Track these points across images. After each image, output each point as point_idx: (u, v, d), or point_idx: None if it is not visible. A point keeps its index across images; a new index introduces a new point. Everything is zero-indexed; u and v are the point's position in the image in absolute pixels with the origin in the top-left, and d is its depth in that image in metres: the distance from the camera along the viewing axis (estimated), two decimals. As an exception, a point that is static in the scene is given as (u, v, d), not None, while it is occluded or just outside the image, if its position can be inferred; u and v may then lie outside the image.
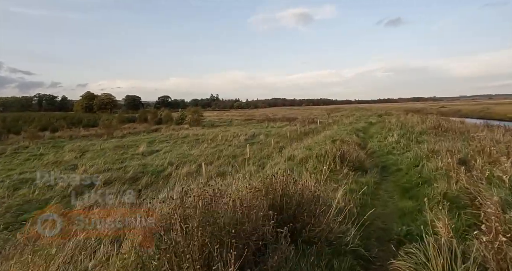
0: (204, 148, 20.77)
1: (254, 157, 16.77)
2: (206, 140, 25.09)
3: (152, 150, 20.85)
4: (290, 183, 3.42)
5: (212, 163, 15.30)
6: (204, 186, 4.26)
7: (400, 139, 10.62)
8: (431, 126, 13.52)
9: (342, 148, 7.35)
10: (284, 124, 40.66)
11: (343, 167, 6.52)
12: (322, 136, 14.49)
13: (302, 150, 10.25)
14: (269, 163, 9.41)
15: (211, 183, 3.35)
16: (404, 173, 6.81)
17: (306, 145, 12.51)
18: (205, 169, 11.63)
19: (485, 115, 51.55)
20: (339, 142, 11.28)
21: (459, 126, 14.77)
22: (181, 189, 3.30)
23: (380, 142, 11.17)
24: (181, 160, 16.51)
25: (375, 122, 23.43)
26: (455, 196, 4.14)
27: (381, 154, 9.45)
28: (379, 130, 16.03)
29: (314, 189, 3.92)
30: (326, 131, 22.12)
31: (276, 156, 11.14)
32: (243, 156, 17.09)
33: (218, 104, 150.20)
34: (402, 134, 12.25)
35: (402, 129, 13.80)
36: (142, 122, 44.34)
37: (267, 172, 7.45)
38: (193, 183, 7.61)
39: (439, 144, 7.93)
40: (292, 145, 16.26)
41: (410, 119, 19.48)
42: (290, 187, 3.37)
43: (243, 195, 3.02)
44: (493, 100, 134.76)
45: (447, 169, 5.26)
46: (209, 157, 17.19)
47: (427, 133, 12.30)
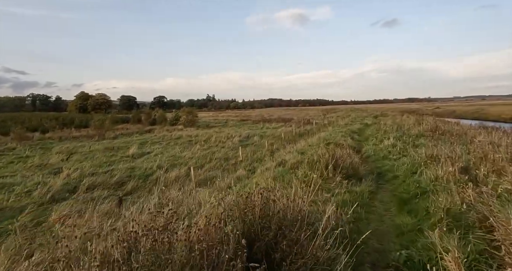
0: (197, 150, 20.19)
1: (246, 159, 16.26)
2: (199, 142, 24.52)
3: (143, 152, 20.24)
4: (270, 202, 2.90)
5: (203, 166, 14.76)
6: (163, 207, 3.74)
7: (397, 143, 10.16)
8: (428, 129, 13.10)
9: (335, 153, 6.86)
10: (280, 125, 40.21)
11: (336, 175, 6.03)
12: (316, 139, 14.01)
13: (294, 154, 9.75)
14: (260, 168, 8.89)
15: (168, 208, 2.83)
16: (401, 181, 6.33)
17: (299, 148, 12.01)
18: (193, 174, 11.09)
19: (480, 116, 51.60)
20: (333, 145, 10.80)
21: (457, 129, 14.38)
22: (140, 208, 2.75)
23: (376, 146, 10.72)
24: (172, 162, 15.94)
25: (371, 124, 23.03)
26: (460, 212, 3.66)
27: (376, 158, 8.99)
28: (375, 132, 15.60)
29: (301, 205, 3.41)
30: (321, 133, 21.67)
31: (268, 160, 10.62)
32: (235, 158, 16.57)
33: (214, 105, 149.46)
34: (398, 137, 11.81)
35: (398, 132, 13.36)
36: (136, 122, 43.61)
37: (251, 183, 6.97)
38: (177, 190, 7.06)
39: (437, 148, 7.46)
40: (286, 148, 15.77)
41: (406, 120, 19.08)
42: (271, 206, 2.86)
43: (209, 221, 2.50)
44: (486, 101, 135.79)
45: (448, 179, 4.79)
46: (201, 159, 16.64)
47: (424, 136, 11.87)
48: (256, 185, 6.27)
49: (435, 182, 5.05)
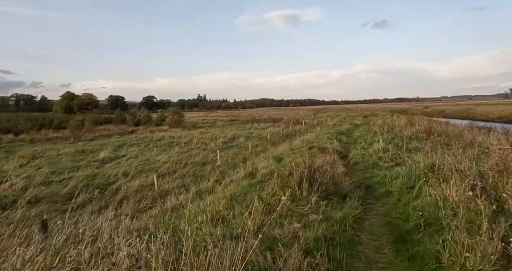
0: (175, 153, 18.53)
1: (225, 163, 14.71)
2: (180, 144, 22.84)
3: (116, 155, 18.49)
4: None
5: (175, 172, 13.15)
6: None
7: (388, 146, 8.76)
8: (422, 130, 11.77)
9: (313, 163, 5.38)
10: (268, 125, 38.75)
11: (312, 193, 4.55)
12: (299, 141, 12.55)
13: (270, 161, 8.27)
14: (227, 179, 7.34)
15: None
16: (395, 199, 4.89)
17: (278, 153, 10.54)
18: (157, 183, 9.48)
19: (468, 116, 51.21)
20: (316, 150, 9.35)
21: (452, 129, 13.12)
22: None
23: (365, 150, 9.31)
24: (143, 168, 14.28)
25: (360, 124, 21.72)
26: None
27: (365, 166, 7.57)
28: (364, 133, 14.23)
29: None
30: (308, 133, 20.27)
31: (241, 168, 9.08)
32: (213, 163, 15.00)
33: (206, 105, 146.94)
34: (390, 139, 10.43)
35: (389, 133, 12.01)
36: (119, 123, 41.55)
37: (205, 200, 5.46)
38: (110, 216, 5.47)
39: (437, 155, 6.06)
40: (268, 151, 14.28)
41: (397, 120, 17.81)
42: None
43: None
44: (473, 101, 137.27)
45: (465, 205, 3.36)
46: (176, 164, 15.01)
47: (418, 138, 10.53)
48: (209, 206, 4.74)
49: (444, 207, 3.62)
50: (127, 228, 3.63)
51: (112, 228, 4.11)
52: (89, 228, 4.45)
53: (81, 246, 3.23)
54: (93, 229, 3.59)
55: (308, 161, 5.41)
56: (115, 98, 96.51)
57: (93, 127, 36.49)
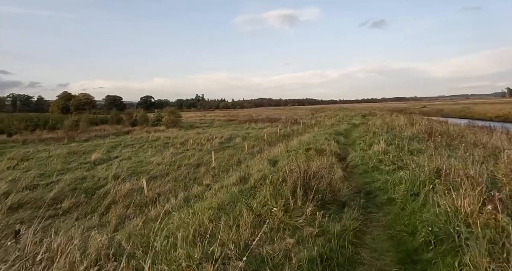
0: (169, 154, 18.04)
1: (220, 166, 14.23)
2: (175, 144, 22.34)
3: (109, 157, 17.98)
4: None
5: (168, 174, 12.67)
6: None
7: (388, 148, 8.32)
8: (423, 130, 11.35)
9: (309, 168, 4.91)
10: (266, 125, 38.32)
11: (308, 203, 4.09)
12: (296, 142, 12.10)
13: (264, 164, 7.82)
14: (218, 184, 6.84)
15: None
16: (399, 208, 4.45)
17: (273, 155, 10.08)
18: (146, 187, 9.00)
19: (466, 115, 50.98)
20: (313, 151, 8.90)
21: (453, 129, 12.71)
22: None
23: (364, 152, 8.86)
24: (135, 170, 13.79)
25: (359, 124, 21.28)
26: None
27: (364, 169, 7.12)
28: (363, 133, 13.79)
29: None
30: (305, 134, 19.83)
31: (232, 172, 8.62)
32: (208, 165, 14.52)
33: (204, 104, 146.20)
34: (390, 140, 10.00)
35: (389, 134, 11.58)
36: (115, 123, 41.01)
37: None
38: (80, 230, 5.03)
39: (442, 158, 5.63)
40: (263, 152, 13.82)
41: (396, 120, 17.39)
42: None
43: None
44: (470, 100, 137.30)
45: (483, 220, 2.91)
46: (169, 166, 14.53)
47: (419, 139, 10.10)
48: (193, 218, 4.29)
49: (456, 221, 3.17)
50: (96, 248, 3.15)
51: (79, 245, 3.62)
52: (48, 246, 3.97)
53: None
54: (55, 248, 3.10)
55: (303, 166, 4.95)
56: (112, 98, 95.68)
57: (88, 128, 35.92)
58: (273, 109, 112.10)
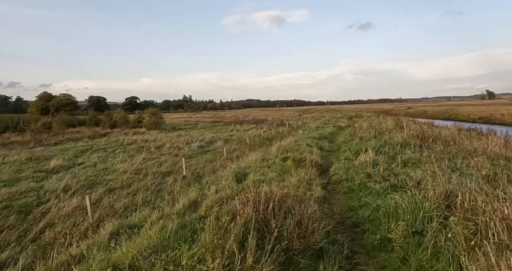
0: (141, 160, 16.30)
1: (193, 174, 12.63)
2: (150, 148, 20.54)
3: (72, 163, 16.08)
4: None
5: (130, 186, 10.98)
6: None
7: (378, 158, 6.98)
8: (414, 135, 10.12)
9: (272, 195, 3.45)
10: (251, 127, 36.86)
11: (264, 257, 2.64)
12: (275, 149, 10.65)
13: (229, 180, 6.33)
14: (159, 212, 5.21)
15: None
16: (398, 257, 3.05)
17: (246, 165, 8.61)
18: (90, 207, 7.33)
19: (450, 116, 50.99)
20: (290, 162, 7.47)
21: (445, 134, 11.55)
22: None
23: (350, 162, 7.50)
24: (94, 180, 12.01)
25: (345, 126, 20.06)
26: None
27: (350, 187, 5.72)
28: (349, 138, 12.50)
29: None
30: (289, 137, 18.46)
31: (184, 193, 7.04)
32: (179, 173, 12.89)
33: (191, 105, 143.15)
34: (379, 147, 8.70)
35: (377, 139, 10.30)
36: (93, 125, 38.68)
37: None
38: None
39: (446, 175, 4.29)
40: (241, 158, 12.33)
41: (384, 123, 16.23)
42: None
43: None
44: (452, 102, 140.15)
45: None
46: (135, 174, 12.82)
47: (411, 146, 8.85)
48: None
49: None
50: None
51: None
52: None
53: None
54: None
55: (263, 194, 3.46)
56: (96, 98, 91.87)
57: (63, 130, 33.56)
58: (261, 110, 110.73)
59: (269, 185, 5.58)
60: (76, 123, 41.79)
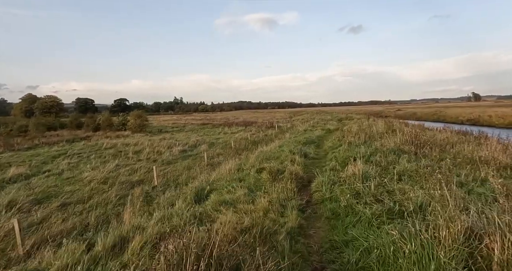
0: (113, 167, 14.84)
1: (165, 184, 11.29)
2: (128, 153, 19.03)
3: (37, 171, 14.53)
4: None
5: (91, 198, 9.57)
6: None
7: (368, 170, 5.82)
8: (407, 140, 9.03)
9: (209, 244, 2.24)
10: (240, 130, 35.59)
11: None
12: (255, 157, 9.41)
13: (185, 201, 5.07)
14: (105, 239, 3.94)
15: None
16: None
17: (217, 176, 7.35)
18: (18, 233, 5.93)
19: (439, 118, 50.75)
20: (266, 174, 6.24)
21: (441, 138, 10.51)
22: None
23: (336, 174, 6.32)
24: (50, 193, 10.53)
25: (333, 129, 18.97)
26: None
27: (333, 210, 4.51)
28: (337, 143, 11.36)
29: None
30: (275, 140, 17.28)
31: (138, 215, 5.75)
32: (150, 182, 11.52)
33: (182, 107, 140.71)
34: (369, 155, 7.56)
35: (367, 145, 9.18)
36: (75, 128, 36.81)
37: None
38: None
39: (453, 197, 3.14)
40: (222, 165, 11.02)
41: (374, 126, 15.18)
42: None
43: None
44: (440, 103, 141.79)
45: None
46: (101, 184, 11.39)
47: (405, 153, 7.75)
48: None
49: None
50: None
51: None
52: None
53: None
54: None
55: (196, 244, 2.21)
56: (83, 100, 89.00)
57: (41, 133, 31.64)
58: (253, 112, 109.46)
59: (233, 208, 4.35)
60: (57, 126, 39.81)
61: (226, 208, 4.35)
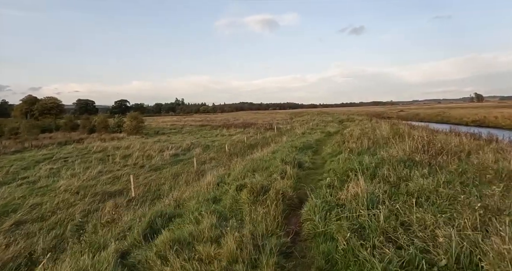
0: (95, 173, 13.61)
1: (146, 194, 10.00)
2: (115, 158, 17.77)
3: (13, 178, 13.34)
4: None
5: (55, 213, 8.31)
6: None
7: (375, 190, 4.50)
8: (417, 147, 7.68)
9: None
10: (238, 131, 34.29)
11: None
12: (242, 167, 8.10)
13: (132, 235, 3.80)
14: None
15: None
16: None
17: (190, 194, 6.06)
18: None
19: (443, 119, 49.21)
20: (246, 193, 4.94)
21: (455, 143, 9.13)
22: None
23: (333, 193, 4.97)
24: (12, 205, 9.29)
25: (334, 132, 17.60)
26: None
27: (328, 256, 3.08)
28: (337, 149, 10.02)
29: None
30: (271, 144, 15.96)
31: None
32: (128, 193, 10.24)
33: (183, 109, 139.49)
34: (375, 166, 6.23)
35: (370, 153, 7.85)
36: (69, 130, 35.72)
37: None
38: None
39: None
40: (208, 174, 9.72)
41: (378, 128, 13.82)
42: None
43: None
44: (442, 104, 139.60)
45: None
46: (72, 195, 10.13)
47: (416, 164, 6.43)
48: None
49: None
50: None
51: None
52: None
53: None
54: None
55: None
56: (84, 102, 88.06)
57: (33, 136, 30.54)
58: (253, 113, 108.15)
59: (189, 251, 3.04)
60: (53, 128, 38.78)
61: (178, 254, 3.05)
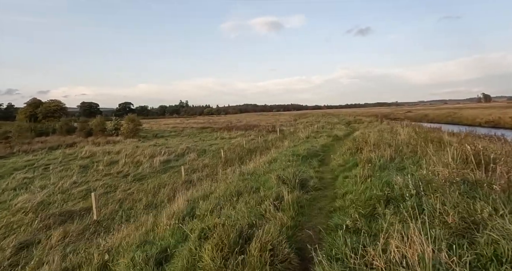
0: (68, 185, 11.72)
1: (110, 217, 8.02)
2: (98, 165, 15.88)
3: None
4: None
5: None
6: None
7: (440, 256, 2.45)
8: (468, 159, 5.50)
9: None
10: (239, 134, 32.23)
11: None
12: (227, 184, 6.07)
13: None
14: None
15: None
16: None
17: (117, 245, 4.04)
18: None
19: (453, 120, 46.44)
20: (211, 249, 2.80)
21: (506, 151, 6.86)
22: None
23: (359, 248, 2.97)
24: None
25: (343, 136, 15.39)
26: None
27: None
28: (349, 158, 7.88)
29: None
30: (272, 149, 13.86)
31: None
32: (98, 211, 8.28)
33: (188, 111, 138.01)
34: (415, 192, 4.08)
35: (396, 164, 5.72)
36: (65, 133, 34.15)
37: None
38: None
39: None
40: (194, 188, 7.68)
41: (392, 130, 11.62)
42: None
43: None
44: (450, 105, 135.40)
45: None
46: (20, 217, 8.21)
47: (473, 184, 4.22)
48: None
49: None
50: None
51: None
52: None
53: None
54: None
55: None
56: (88, 104, 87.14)
57: (27, 139, 29.01)
58: (257, 115, 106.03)
59: None
60: (50, 131, 37.32)
61: None
